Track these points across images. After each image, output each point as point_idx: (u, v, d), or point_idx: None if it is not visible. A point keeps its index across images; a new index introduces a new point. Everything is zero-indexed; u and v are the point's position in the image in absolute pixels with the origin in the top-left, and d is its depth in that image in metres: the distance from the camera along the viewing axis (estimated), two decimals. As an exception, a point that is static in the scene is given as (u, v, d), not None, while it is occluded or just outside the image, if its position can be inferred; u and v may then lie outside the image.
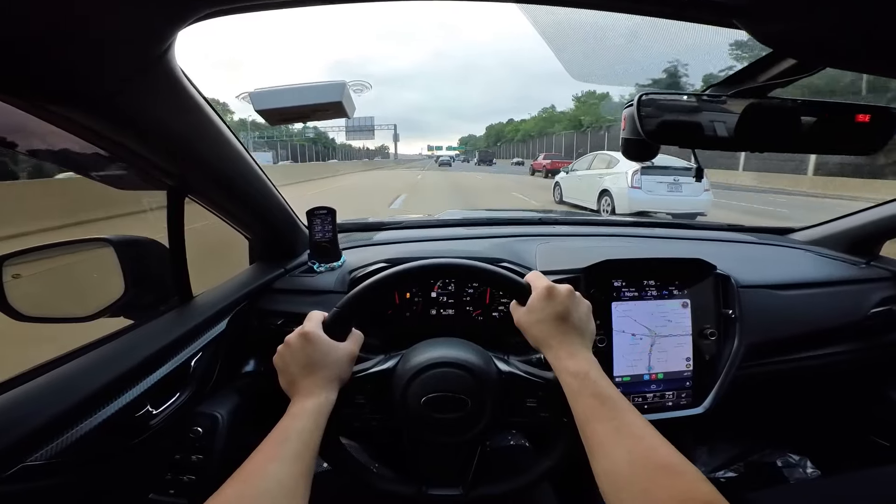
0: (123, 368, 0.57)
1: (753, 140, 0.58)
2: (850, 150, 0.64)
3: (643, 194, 6.39)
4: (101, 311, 0.70)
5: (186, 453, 0.68)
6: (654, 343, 0.88)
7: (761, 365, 0.97)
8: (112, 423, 0.54)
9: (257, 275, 0.90)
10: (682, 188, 6.36)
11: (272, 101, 0.53)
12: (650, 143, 0.60)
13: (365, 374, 0.60)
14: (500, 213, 1.54)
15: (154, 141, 0.54)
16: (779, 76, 0.53)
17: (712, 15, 0.42)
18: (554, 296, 0.58)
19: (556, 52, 0.57)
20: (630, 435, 0.46)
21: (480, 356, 0.61)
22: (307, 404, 0.52)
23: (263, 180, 0.79)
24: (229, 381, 0.79)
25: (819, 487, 1.01)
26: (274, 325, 0.86)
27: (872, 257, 1.16)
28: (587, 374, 0.52)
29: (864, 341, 1.07)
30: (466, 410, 0.57)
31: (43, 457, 0.47)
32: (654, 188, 6.38)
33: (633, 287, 0.88)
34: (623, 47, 0.57)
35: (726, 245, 1.22)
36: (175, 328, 0.68)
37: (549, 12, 0.48)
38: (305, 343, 0.55)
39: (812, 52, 0.45)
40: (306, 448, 0.48)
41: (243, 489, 0.43)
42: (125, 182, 0.62)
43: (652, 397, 0.88)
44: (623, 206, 6.59)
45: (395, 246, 1.09)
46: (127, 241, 0.70)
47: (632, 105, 0.57)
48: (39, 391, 0.51)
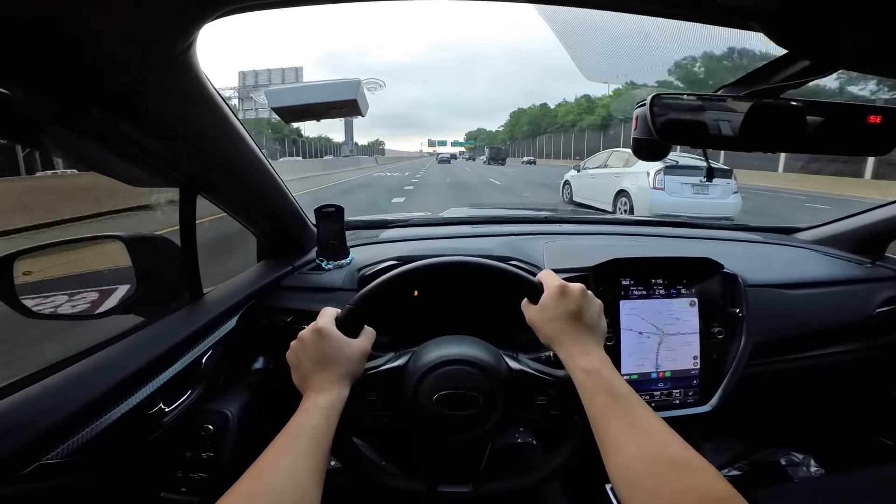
0: (137, 366, 0.57)
1: (765, 140, 0.58)
2: (861, 150, 0.65)
3: (666, 196, 5.77)
4: (112, 309, 0.70)
5: (197, 451, 0.68)
6: (661, 341, 0.88)
7: (767, 363, 0.97)
8: (126, 420, 0.54)
9: (266, 272, 0.91)
10: (708, 190, 5.82)
11: (287, 99, 0.53)
12: (662, 142, 0.60)
13: (377, 370, 0.61)
14: (506, 212, 1.54)
15: (171, 138, 0.54)
16: (792, 77, 0.53)
17: (730, 17, 0.42)
18: (567, 294, 0.58)
19: (569, 51, 0.57)
20: (643, 431, 0.47)
21: (491, 354, 0.61)
22: (319, 400, 0.52)
23: (275, 178, 0.79)
24: (239, 378, 0.79)
25: (823, 486, 1.01)
26: (283, 322, 0.86)
27: (878, 257, 1.16)
28: (600, 371, 0.52)
29: (869, 340, 1.07)
30: (478, 408, 0.57)
31: (59, 455, 0.47)
32: (678, 190, 5.79)
33: (641, 286, 0.89)
34: (636, 47, 0.57)
35: (732, 244, 1.23)
36: (186, 325, 0.68)
37: (562, 12, 0.48)
38: (319, 339, 0.56)
39: (828, 54, 0.46)
40: (318, 444, 0.49)
41: (255, 485, 0.43)
42: (139, 179, 0.62)
43: (659, 395, 0.89)
44: (643, 209, 5.95)
45: (403, 244, 1.09)
46: (138, 238, 0.70)
47: (644, 105, 0.57)
48: (57, 389, 0.51)
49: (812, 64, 0.49)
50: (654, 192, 5.86)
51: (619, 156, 7.31)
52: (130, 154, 0.55)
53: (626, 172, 6.54)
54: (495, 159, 43.44)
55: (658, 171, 5.79)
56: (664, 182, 5.82)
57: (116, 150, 0.53)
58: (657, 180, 5.85)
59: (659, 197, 5.81)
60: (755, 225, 1.42)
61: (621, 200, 6.55)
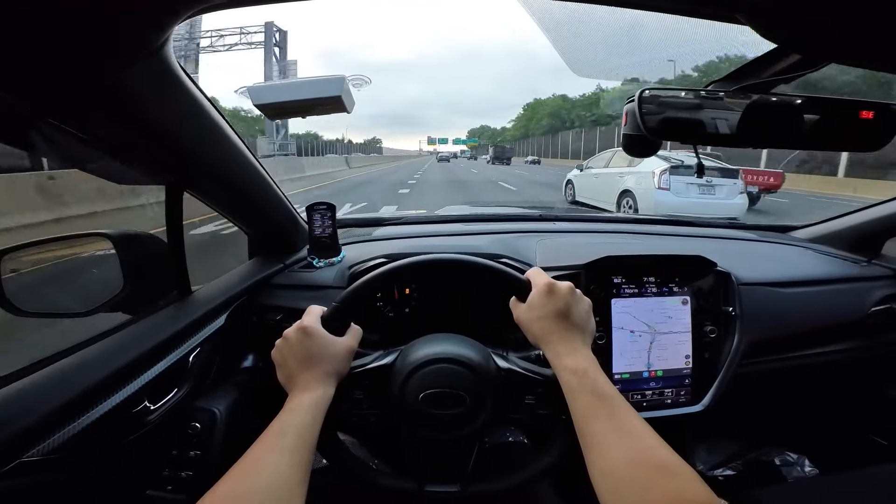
0: (121, 363, 0.57)
1: (756, 136, 0.58)
2: (853, 146, 0.64)
3: (671, 196, 5.60)
4: (99, 306, 0.69)
5: (184, 449, 0.67)
6: (653, 340, 0.88)
7: (761, 363, 0.96)
8: (109, 418, 0.54)
9: (256, 270, 0.90)
10: (714, 190, 5.69)
11: (270, 95, 0.52)
12: (651, 139, 0.59)
13: (363, 369, 0.60)
14: (500, 209, 1.54)
15: (151, 134, 0.54)
16: (782, 72, 0.53)
17: (716, 10, 0.42)
18: (555, 293, 0.57)
19: (556, 45, 0.56)
20: (628, 434, 0.46)
21: (479, 352, 0.60)
22: (304, 399, 0.52)
23: (263, 175, 0.78)
24: (227, 376, 0.79)
25: (817, 486, 1.01)
26: (273, 320, 0.86)
27: (874, 255, 1.15)
28: (586, 371, 0.52)
29: (864, 339, 1.06)
30: (464, 407, 0.57)
31: (40, 452, 0.46)
32: (684, 190, 5.62)
33: (633, 284, 0.88)
34: (624, 42, 0.57)
35: (727, 242, 1.22)
36: (174, 323, 0.68)
37: (548, 5, 0.48)
38: (304, 337, 0.55)
39: (817, 47, 0.45)
40: (303, 442, 0.48)
41: (240, 483, 0.43)
42: (124, 176, 0.61)
43: (651, 395, 0.88)
44: (648, 209, 5.78)
45: (395, 241, 1.09)
46: (125, 236, 0.70)
47: (633, 101, 0.57)
48: (37, 387, 0.51)
49: (802, 58, 0.49)
50: (660, 193, 5.70)
51: (622, 155, 6.95)
52: (114, 152, 0.54)
53: (631, 172, 6.36)
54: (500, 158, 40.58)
55: (663, 171, 5.62)
56: (670, 182, 5.65)
57: (99, 147, 0.53)
58: (663, 180, 5.67)
59: (664, 197, 5.65)
60: (750, 223, 1.42)
61: (625, 201, 6.35)
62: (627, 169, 6.51)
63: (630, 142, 0.63)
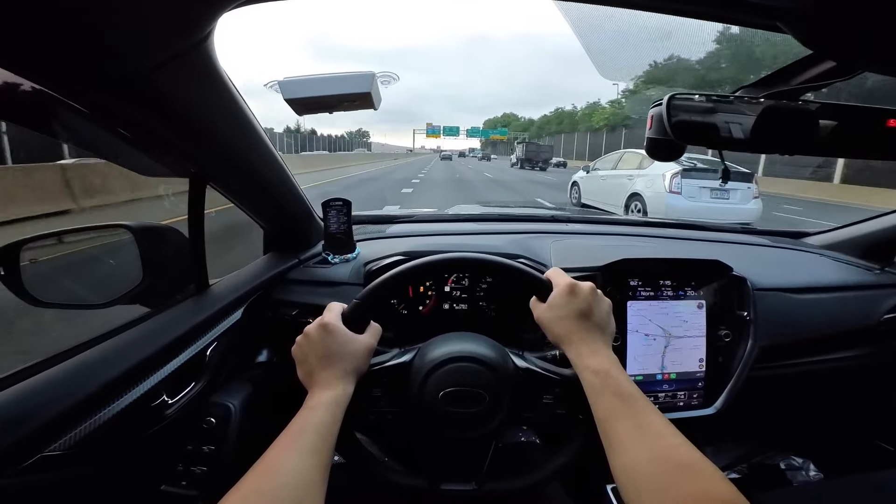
0: (141, 357, 0.57)
1: (781, 143, 0.57)
2: (878, 154, 0.63)
3: (683, 200, 5.37)
4: (117, 298, 0.69)
5: (199, 444, 0.68)
6: (668, 344, 0.88)
7: (773, 367, 0.97)
8: (129, 412, 0.54)
9: (272, 265, 0.90)
10: (728, 194, 5.43)
11: (301, 90, 0.52)
12: (677, 142, 0.59)
13: (382, 367, 0.60)
14: (512, 210, 1.54)
15: (185, 128, 0.54)
16: (813, 80, 0.52)
17: (756, 17, 0.41)
18: (577, 293, 0.57)
19: (587, 48, 0.56)
20: (651, 433, 0.46)
21: (497, 351, 0.61)
22: (325, 396, 0.52)
23: (284, 170, 0.78)
24: (242, 371, 0.79)
25: (821, 490, 1.01)
26: (288, 315, 0.86)
27: (887, 263, 1.16)
28: (608, 371, 0.52)
29: (874, 346, 1.07)
30: (483, 405, 0.57)
31: (61, 447, 0.46)
32: (697, 194, 5.40)
33: (649, 287, 0.88)
34: (655, 47, 0.56)
35: (741, 247, 1.22)
36: (192, 317, 0.68)
37: (582, 8, 0.47)
38: (325, 334, 0.55)
39: (854, 55, 0.45)
40: (323, 441, 0.48)
41: (261, 482, 0.43)
42: (149, 168, 0.61)
43: (664, 397, 0.89)
44: (658, 213, 5.53)
45: (410, 239, 1.08)
46: (146, 228, 0.69)
47: (660, 104, 0.57)
48: (58, 380, 0.50)
49: (836, 66, 0.48)
50: (671, 196, 5.48)
51: (631, 157, 6.86)
52: (143, 143, 0.54)
53: (640, 175, 6.09)
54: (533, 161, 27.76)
55: (675, 174, 5.41)
56: (681, 185, 5.43)
57: (129, 139, 0.52)
58: (674, 184, 5.45)
59: (675, 201, 5.43)
60: (764, 229, 1.42)
61: (634, 204, 6.10)
62: (636, 171, 6.29)
63: (654, 145, 0.63)
